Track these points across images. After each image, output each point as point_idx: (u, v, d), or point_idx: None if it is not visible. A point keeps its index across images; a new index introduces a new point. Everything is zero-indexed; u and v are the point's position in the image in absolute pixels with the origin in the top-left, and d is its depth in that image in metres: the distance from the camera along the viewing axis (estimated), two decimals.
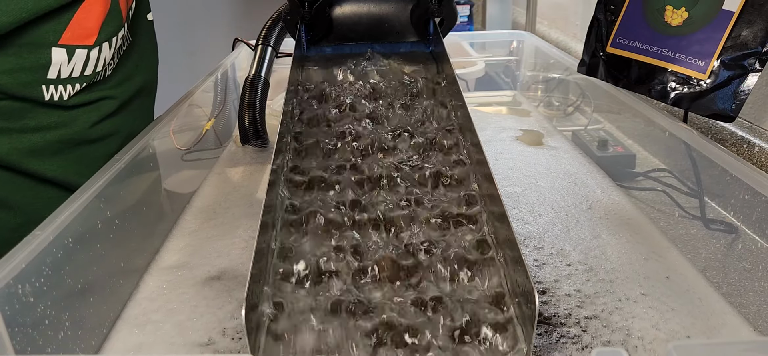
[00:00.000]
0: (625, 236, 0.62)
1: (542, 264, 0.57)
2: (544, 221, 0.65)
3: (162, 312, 0.52)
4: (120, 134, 0.73)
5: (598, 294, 0.52)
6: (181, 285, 0.56)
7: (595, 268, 0.56)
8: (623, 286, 0.53)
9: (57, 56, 0.62)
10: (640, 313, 0.50)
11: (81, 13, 0.63)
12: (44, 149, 0.65)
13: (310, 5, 0.71)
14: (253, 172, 0.81)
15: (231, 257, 0.60)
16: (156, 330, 0.50)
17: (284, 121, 0.57)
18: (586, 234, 0.62)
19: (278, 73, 0.94)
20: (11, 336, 0.37)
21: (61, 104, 0.64)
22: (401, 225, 0.49)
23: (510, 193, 0.71)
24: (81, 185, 0.51)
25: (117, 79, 0.71)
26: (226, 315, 0.51)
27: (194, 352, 0.47)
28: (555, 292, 0.53)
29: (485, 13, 1.80)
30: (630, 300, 0.51)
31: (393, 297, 0.43)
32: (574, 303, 0.51)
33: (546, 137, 0.90)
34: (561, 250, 0.59)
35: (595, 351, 0.31)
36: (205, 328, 0.50)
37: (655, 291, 0.52)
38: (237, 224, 0.67)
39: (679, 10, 0.67)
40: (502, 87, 1.24)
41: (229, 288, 0.55)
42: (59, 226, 0.44)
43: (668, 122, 0.67)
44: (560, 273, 0.56)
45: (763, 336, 0.47)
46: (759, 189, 0.50)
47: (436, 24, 0.72)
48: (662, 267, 0.56)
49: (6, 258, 0.39)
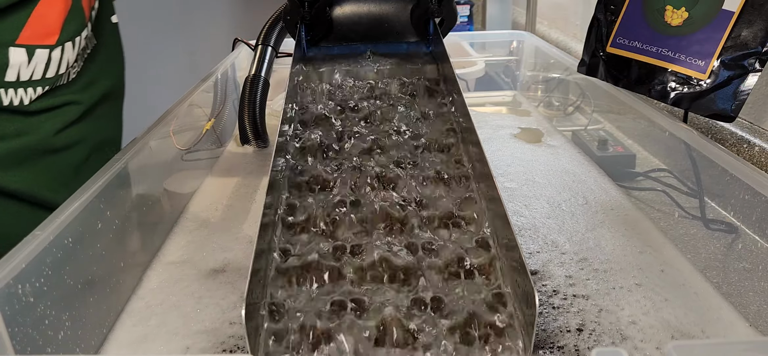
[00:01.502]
0: (620, 230, 0.62)
1: (536, 252, 0.58)
2: (539, 214, 0.66)
3: (166, 304, 0.52)
4: (86, 142, 0.69)
5: (590, 280, 0.53)
6: (185, 279, 0.56)
7: (589, 258, 0.57)
8: (616, 276, 0.54)
9: (16, 57, 0.57)
10: (633, 301, 0.50)
11: (41, 9, 0.58)
12: (5, 159, 0.60)
13: (310, 5, 0.71)
14: (254, 172, 0.81)
15: (234, 252, 0.61)
16: (160, 322, 0.50)
17: (284, 121, 0.57)
18: (581, 228, 0.63)
19: (278, 73, 0.94)
20: (11, 336, 0.37)
21: (22, 110, 0.60)
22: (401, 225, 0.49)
23: (505, 188, 0.72)
24: (48, 199, 0.48)
25: (81, 83, 0.67)
26: (229, 305, 0.51)
27: (200, 341, 0.47)
28: (545, 273, 0.54)
29: (485, 13, 1.80)
30: (623, 289, 0.52)
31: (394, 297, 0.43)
32: (564, 283, 0.52)
33: (545, 136, 0.90)
34: (554, 241, 0.60)
35: (595, 351, 0.31)
36: (210, 319, 0.50)
37: (649, 282, 0.53)
38: (239, 221, 0.67)
39: (679, 10, 0.67)
40: (502, 87, 1.24)
41: (233, 280, 0.55)
42: (59, 226, 0.44)
43: (668, 122, 0.67)
44: (553, 260, 0.56)
45: (764, 336, 0.47)
46: (759, 189, 0.50)
47: (436, 24, 0.72)
48: (657, 261, 0.57)
49: (6, 258, 0.39)
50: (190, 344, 0.47)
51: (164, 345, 0.47)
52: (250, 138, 0.84)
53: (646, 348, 0.45)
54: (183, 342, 0.47)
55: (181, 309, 0.51)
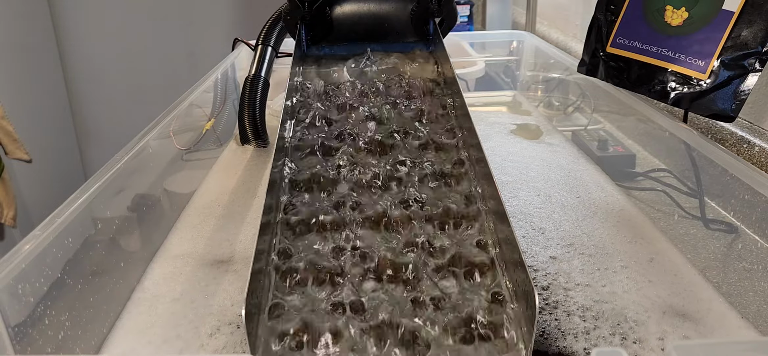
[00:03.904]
0: (612, 221, 0.63)
1: (522, 237, 0.59)
2: (529, 203, 0.66)
3: (173, 293, 0.53)
4: None
5: (573, 257, 0.54)
6: (191, 268, 0.57)
7: (575, 244, 0.58)
8: (603, 259, 0.54)
9: None
10: (616, 280, 0.51)
11: None
12: None
13: (310, 5, 0.71)
14: (254, 172, 0.81)
15: (237, 244, 0.61)
16: (168, 309, 0.51)
17: (284, 122, 0.57)
18: (571, 217, 0.63)
19: (278, 73, 0.94)
20: (11, 336, 0.37)
21: None
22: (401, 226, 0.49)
23: (499, 181, 0.73)
24: None
25: None
26: (236, 290, 0.52)
27: (209, 322, 0.49)
28: (527, 251, 0.55)
29: (485, 13, 1.80)
30: (609, 270, 0.53)
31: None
32: (547, 261, 0.53)
33: (545, 135, 0.90)
34: (542, 228, 0.61)
35: (595, 351, 0.31)
36: (219, 305, 0.51)
37: (636, 266, 0.53)
38: (241, 217, 0.67)
39: (679, 10, 0.67)
40: (502, 87, 1.24)
41: (238, 268, 0.56)
42: (59, 226, 0.44)
43: (668, 122, 0.67)
44: (538, 243, 0.57)
45: (764, 337, 0.47)
46: (759, 189, 0.50)
47: (436, 24, 0.72)
48: (647, 251, 0.57)
49: (6, 258, 0.39)
50: (198, 324, 0.48)
51: (173, 330, 0.48)
52: (250, 138, 0.83)
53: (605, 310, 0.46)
54: (192, 325, 0.48)
55: (188, 296, 0.52)
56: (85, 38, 1.86)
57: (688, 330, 0.47)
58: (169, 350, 0.46)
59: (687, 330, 0.47)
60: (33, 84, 1.73)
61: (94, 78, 1.91)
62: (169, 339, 0.48)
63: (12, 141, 1.43)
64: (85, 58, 1.89)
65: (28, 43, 1.72)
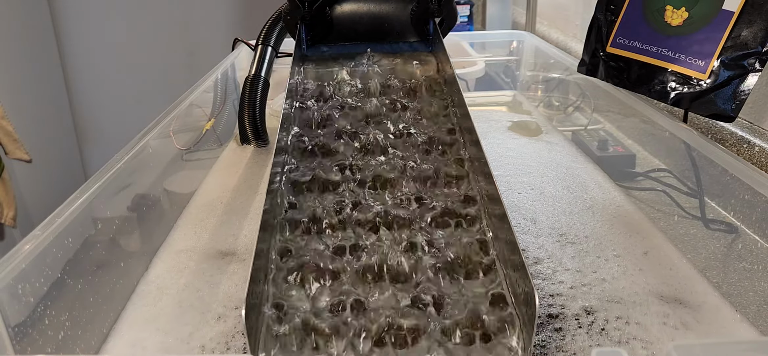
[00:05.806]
0: (607, 215, 0.63)
1: (513, 226, 0.60)
2: (522, 197, 0.66)
3: (178, 284, 0.54)
4: None
5: (565, 246, 0.54)
6: (195, 261, 0.57)
7: (567, 234, 0.58)
8: (596, 249, 0.55)
9: None
10: (607, 267, 0.51)
11: None
12: None
13: (310, 5, 0.71)
14: (254, 171, 0.81)
15: (240, 239, 0.62)
16: (173, 299, 0.51)
17: (284, 122, 0.57)
18: (565, 209, 0.63)
19: (278, 73, 0.94)
20: (11, 336, 0.37)
21: None
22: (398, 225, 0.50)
23: (497, 176, 0.74)
24: None
25: None
26: (241, 279, 0.53)
27: (216, 308, 0.49)
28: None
29: (485, 13, 1.80)
30: (600, 258, 0.53)
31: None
32: (533, 243, 0.53)
33: (544, 135, 0.90)
34: (533, 218, 0.61)
35: (595, 351, 0.31)
36: (225, 294, 0.51)
37: (629, 256, 0.54)
38: (242, 214, 0.67)
39: (679, 10, 0.67)
40: (502, 87, 1.24)
41: (242, 259, 0.57)
42: (59, 226, 0.44)
43: (668, 122, 0.67)
44: (528, 233, 0.57)
45: (764, 337, 0.47)
46: (759, 189, 0.50)
47: (436, 24, 0.72)
48: (641, 244, 0.57)
49: (6, 258, 0.39)
50: (204, 311, 0.49)
51: (180, 317, 0.48)
52: (250, 138, 0.83)
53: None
54: (198, 312, 0.48)
55: (194, 286, 0.53)
56: (85, 38, 1.86)
57: (686, 317, 0.47)
58: (177, 335, 0.46)
59: (684, 316, 0.47)
60: (33, 84, 1.73)
61: (94, 78, 1.91)
62: (177, 326, 0.48)
63: (12, 141, 1.43)
64: (85, 58, 1.89)
65: (28, 43, 1.72)
